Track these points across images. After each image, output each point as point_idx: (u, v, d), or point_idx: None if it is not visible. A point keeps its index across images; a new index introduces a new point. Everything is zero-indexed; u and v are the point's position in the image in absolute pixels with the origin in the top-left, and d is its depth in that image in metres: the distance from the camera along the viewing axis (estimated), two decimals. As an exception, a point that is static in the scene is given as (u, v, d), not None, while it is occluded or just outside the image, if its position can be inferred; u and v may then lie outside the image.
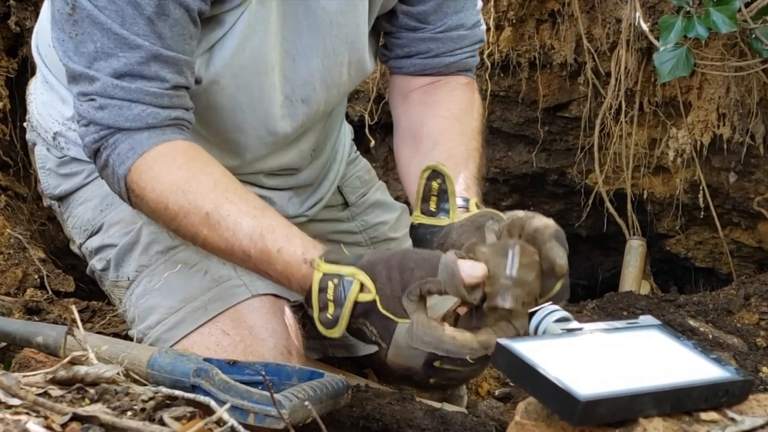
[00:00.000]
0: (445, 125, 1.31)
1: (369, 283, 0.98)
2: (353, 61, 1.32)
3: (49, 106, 1.39)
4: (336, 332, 1.00)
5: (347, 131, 1.64)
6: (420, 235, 1.12)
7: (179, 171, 1.10)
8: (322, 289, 1.00)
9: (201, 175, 1.10)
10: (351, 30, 1.29)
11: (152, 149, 1.10)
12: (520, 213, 1.02)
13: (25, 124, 1.49)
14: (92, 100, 1.10)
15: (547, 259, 0.96)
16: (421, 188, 1.11)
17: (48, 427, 0.80)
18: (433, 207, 1.11)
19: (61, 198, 1.40)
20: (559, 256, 0.96)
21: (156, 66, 1.10)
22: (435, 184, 1.10)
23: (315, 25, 1.25)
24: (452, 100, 1.34)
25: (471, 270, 0.96)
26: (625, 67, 2.17)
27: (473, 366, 0.95)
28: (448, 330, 0.95)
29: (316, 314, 1.01)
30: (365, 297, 0.98)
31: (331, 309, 0.99)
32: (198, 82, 1.20)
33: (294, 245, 1.04)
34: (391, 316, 0.97)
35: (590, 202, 2.47)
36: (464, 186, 1.20)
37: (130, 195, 1.13)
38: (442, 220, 1.10)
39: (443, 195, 1.10)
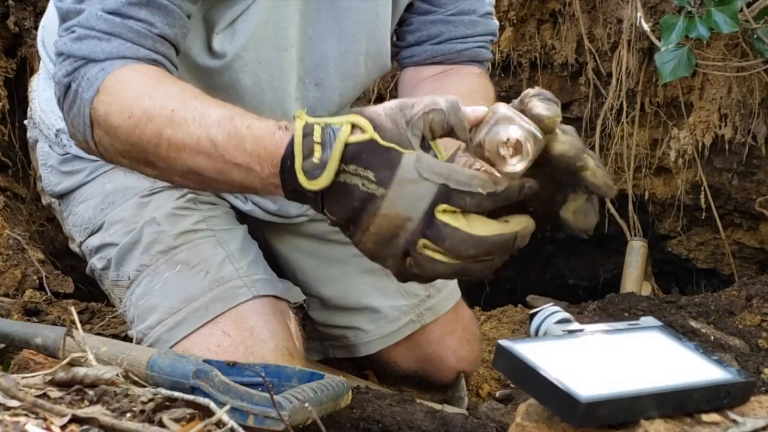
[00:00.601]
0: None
1: (363, 122, 0.86)
2: (371, 51, 1.32)
3: (53, 102, 1.38)
4: (322, 181, 0.87)
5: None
6: None
7: (148, 81, 1.03)
8: (307, 134, 0.88)
9: (170, 82, 1.03)
10: (369, 17, 1.29)
11: (123, 68, 1.03)
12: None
13: (26, 122, 1.49)
14: (73, 32, 1.06)
15: (533, 118, 0.90)
16: None
17: (47, 428, 0.80)
18: None
19: (62, 196, 1.40)
20: (543, 108, 0.92)
21: (147, 11, 1.07)
22: None
23: (334, 7, 1.26)
24: (463, 83, 1.36)
25: (473, 109, 0.90)
26: (627, 68, 2.17)
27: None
28: (459, 161, 0.87)
29: (299, 162, 0.88)
30: (359, 137, 0.86)
31: (317, 153, 0.87)
32: (222, 56, 1.21)
33: (266, 121, 0.94)
34: (396, 147, 0.85)
35: (591, 202, 2.46)
36: None
37: (93, 125, 1.03)
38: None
39: None
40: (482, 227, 0.85)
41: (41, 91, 1.42)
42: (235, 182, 0.95)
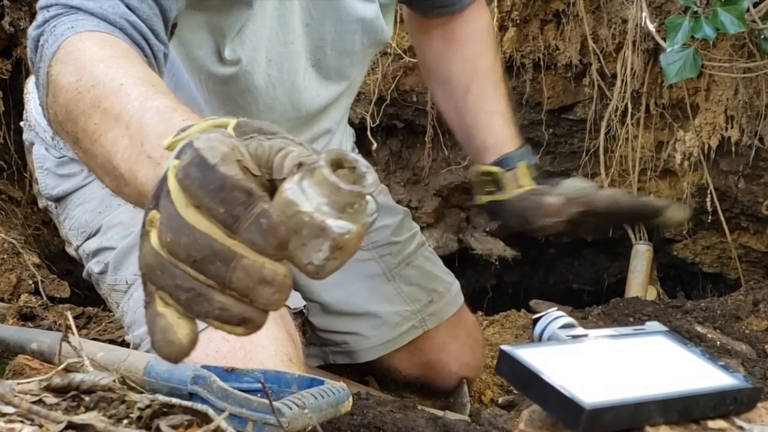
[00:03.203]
0: (470, 69, 1.51)
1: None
2: (366, 29, 1.34)
3: None
4: (174, 138, 0.71)
5: (349, 133, 1.63)
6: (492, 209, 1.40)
7: (113, 50, 0.92)
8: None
9: (137, 62, 0.92)
10: None
11: (94, 32, 0.93)
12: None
13: (21, 124, 1.49)
14: None
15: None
16: (478, 183, 1.42)
17: (41, 435, 0.79)
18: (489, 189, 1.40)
19: (59, 199, 1.40)
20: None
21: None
22: (489, 179, 1.39)
23: None
24: (470, 38, 1.52)
25: None
26: (631, 69, 2.16)
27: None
28: (232, 152, 0.64)
29: None
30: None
31: None
32: (236, 62, 1.21)
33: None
34: (230, 126, 0.70)
35: (596, 206, 2.45)
36: (505, 136, 1.45)
37: (48, 81, 0.93)
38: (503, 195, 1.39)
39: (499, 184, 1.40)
40: (201, 221, 0.62)
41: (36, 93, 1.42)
42: (139, 181, 0.80)
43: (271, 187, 0.65)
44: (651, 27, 2.03)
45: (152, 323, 0.64)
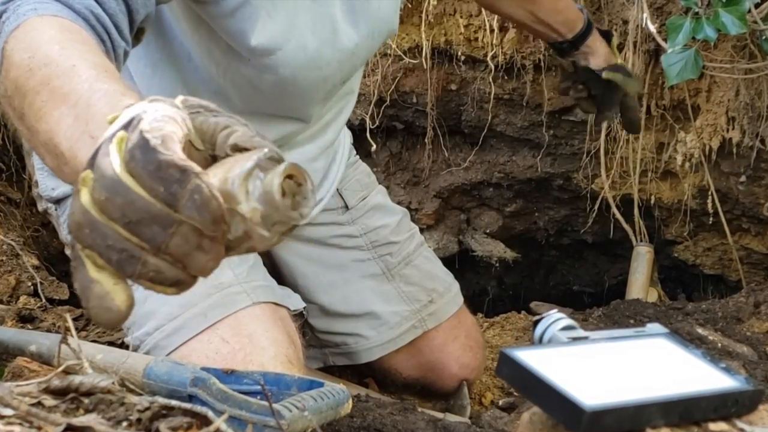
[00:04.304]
0: None
1: None
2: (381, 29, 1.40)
3: None
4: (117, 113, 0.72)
5: (347, 134, 1.63)
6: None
7: (72, 35, 0.91)
8: None
9: (94, 50, 0.91)
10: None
11: (56, 16, 0.93)
12: None
13: (22, 128, 1.48)
14: None
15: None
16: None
17: (40, 438, 0.78)
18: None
19: (59, 200, 1.40)
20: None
21: None
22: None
23: None
24: None
25: None
26: (632, 70, 2.15)
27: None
28: (176, 126, 0.66)
29: None
30: None
31: None
32: (270, 53, 1.21)
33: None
34: (178, 100, 0.71)
35: (596, 207, 2.45)
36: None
37: (3, 57, 0.91)
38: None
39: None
40: (135, 180, 0.62)
41: None
42: (78, 159, 0.78)
43: (213, 162, 0.67)
44: (652, 28, 2.03)
45: (86, 289, 0.64)
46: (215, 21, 1.20)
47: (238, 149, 0.66)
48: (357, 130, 2.40)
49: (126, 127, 0.65)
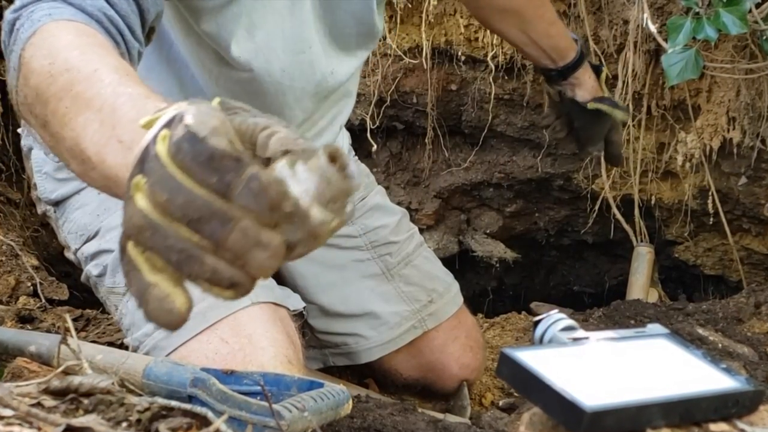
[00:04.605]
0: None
1: None
2: (362, 32, 1.39)
3: None
4: (152, 117, 0.70)
5: (345, 136, 1.63)
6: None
7: (89, 39, 0.91)
8: None
9: (112, 53, 0.90)
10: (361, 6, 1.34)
11: (71, 21, 0.93)
12: None
13: (19, 130, 1.49)
14: None
15: None
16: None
17: (39, 438, 0.78)
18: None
19: (58, 203, 1.40)
20: None
21: None
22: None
23: None
24: None
25: None
26: (633, 70, 2.15)
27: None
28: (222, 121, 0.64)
29: None
30: None
31: None
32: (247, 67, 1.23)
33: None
34: (215, 101, 0.70)
35: (597, 208, 2.45)
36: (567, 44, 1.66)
37: (21, 64, 0.91)
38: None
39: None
40: (196, 187, 0.61)
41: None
42: (107, 164, 0.79)
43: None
44: (652, 28, 2.03)
45: (144, 293, 0.63)
46: (199, 23, 1.20)
47: (285, 152, 0.65)
48: (357, 130, 2.40)
49: (168, 125, 0.64)
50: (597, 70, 1.72)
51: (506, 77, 2.35)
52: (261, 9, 1.24)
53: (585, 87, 1.68)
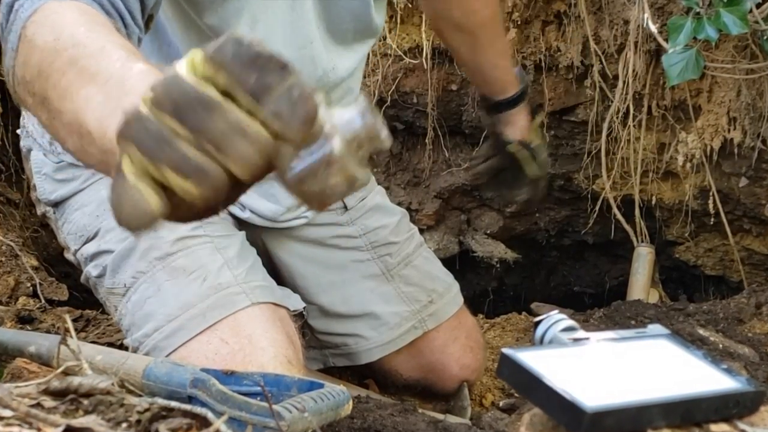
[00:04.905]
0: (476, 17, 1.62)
1: None
2: (359, 29, 1.39)
3: None
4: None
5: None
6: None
7: (94, 18, 0.90)
8: None
9: (117, 33, 0.89)
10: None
11: (73, 1, 0.91)
12: None
13: (18, 131, 1.49)
14: None
15: None
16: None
17: (39, 439, 0.78)
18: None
19: (57, 204, 1.40)
20: None
21: None
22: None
23: None
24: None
25: None
26: (633, 70, 2.15)
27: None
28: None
29: None
30: None
31: None
32: None
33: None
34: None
35: (597, 208, 2.45)
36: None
37: (20, 43, 0.90)
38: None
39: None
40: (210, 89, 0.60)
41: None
42: (108, 137, 0.75)
43: None
44: (653, 28, 2.02)
45: (121, 196, 0.61)
46: (201, 16, 1.20)
47: None
48: (357, 130, 2.39)
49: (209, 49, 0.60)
50: (534, 114, 1.74)
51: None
52: (262, 3, 1.24)
53: (516, 126, 1.70)
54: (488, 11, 1.62)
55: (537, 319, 0.93)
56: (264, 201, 1.45)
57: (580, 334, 0.89)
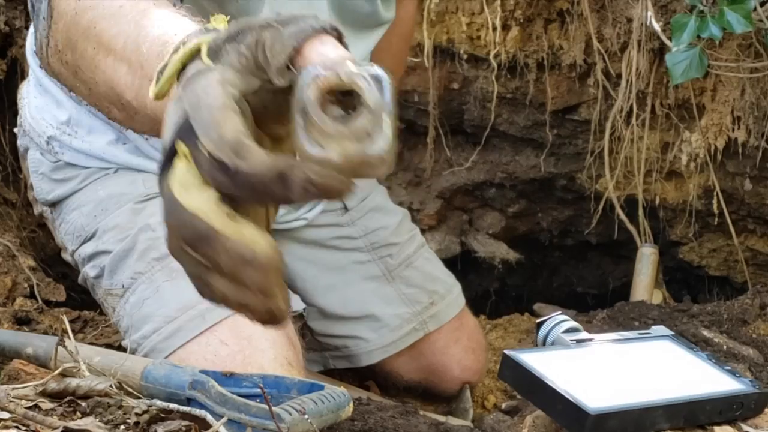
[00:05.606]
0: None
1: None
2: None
3: (43, 110, 1.38)
4: (159, 86, 0.69)
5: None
6: None
7: None
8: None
9: None
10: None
11: None
12: None
13: (16, 130, 1.49)
14: None
15: None
16: None
17: (36, 441, 0.78)
18: None
19: (55, 204, 1.40)
20: None
21: None
22: None
23: None
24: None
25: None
26: (637, 69, 2.14)
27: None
28: (229, 110, 0.60)
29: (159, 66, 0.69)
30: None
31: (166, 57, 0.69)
32: None
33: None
34: (205, 62, 0.65)
35: (600, 208, 2.44)
36: None
37: (51, 10, 0.88)
38: None
39: None
40: (196, 196, 0.61)
41: (31, 98, 1.42)
42: (149, 108, 0.75)
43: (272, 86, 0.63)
44: (656, 26, 2.02)
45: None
46: (222, 5, 1.20)
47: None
48: (358, 130, 2.39)
49: (182, 135, 0.61)
50: None
51: (509, 76, 2.34)
52: None
53: None
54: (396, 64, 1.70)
55: (539, 320, 0.93)
56: None
57: (583, 335, 0.89)
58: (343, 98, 0.61)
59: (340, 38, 0.66)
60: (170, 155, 0.62)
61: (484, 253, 2.75)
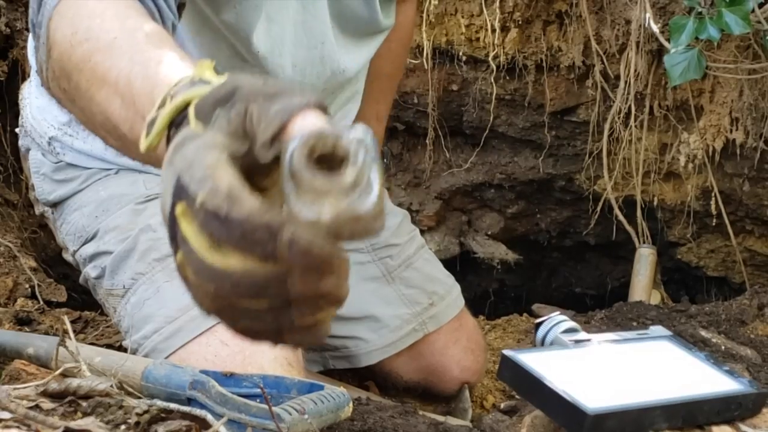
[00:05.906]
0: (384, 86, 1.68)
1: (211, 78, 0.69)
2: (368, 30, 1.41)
3: (45, 110, 1.38)
4: (149, 140, 0.69)
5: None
6: None
7: (116, 6, 0.86)
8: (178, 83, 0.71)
9: (141, 17, 0.85)
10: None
11: None
12: None
13: (17, 130, 1.48)
14: None
15: None
16: None
17: (37, 441, 0.78)
18: None
19: (56, 204, 1.39)
20: None
21: None
22: None
23: None
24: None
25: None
26: (635, 70, 2.15)
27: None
28: (223, 164, 0.61)
29: (150, 115, 0.70)
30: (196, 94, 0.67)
31: (156, 108, 0.70)
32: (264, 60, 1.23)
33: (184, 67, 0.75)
34: (192, 125, 0.65)
35: (599, 209, 2.44)
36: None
37: (48, 36, 0.88)
38: None
39: None
40: (224, 254, 0.60)
41: (33, 99, 1.41)
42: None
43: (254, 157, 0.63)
44: (655, 28, 2.02)
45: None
46: (219, 13, 1.20)
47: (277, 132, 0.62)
48: (358, 131, 2.39)
49: (178, 196, 0.61)
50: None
51: (507, 77, 2.35)
52: (277, 3, 1.23)
53: None
54: (395, 68, 1.69)
55: (538, 320, 0.93)
56: None
57: (582, 335, 0.89)
58: (329, 165, 0.62)
59: (324, 112, 0.66)
60: (173, 222, 0.63)
61: (483, 254, 2.75)
